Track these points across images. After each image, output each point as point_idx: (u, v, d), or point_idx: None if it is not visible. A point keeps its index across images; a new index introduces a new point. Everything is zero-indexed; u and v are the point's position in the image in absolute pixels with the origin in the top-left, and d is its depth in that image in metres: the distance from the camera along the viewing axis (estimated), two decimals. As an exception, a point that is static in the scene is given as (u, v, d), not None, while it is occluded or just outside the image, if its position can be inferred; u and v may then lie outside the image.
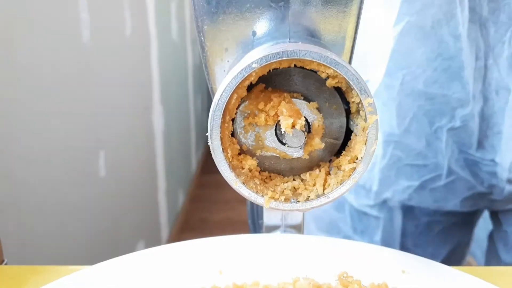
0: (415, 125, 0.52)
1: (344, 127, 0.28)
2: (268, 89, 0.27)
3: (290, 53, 0.24)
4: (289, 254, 0.34)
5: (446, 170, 0.53)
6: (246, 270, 0.33)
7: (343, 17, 0.27)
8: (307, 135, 0.27)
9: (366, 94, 0.25)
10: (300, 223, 0.36)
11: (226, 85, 0.24)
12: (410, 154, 0.54)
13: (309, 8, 0.27)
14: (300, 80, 0.27)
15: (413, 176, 0.55)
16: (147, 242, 1.50)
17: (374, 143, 0.25)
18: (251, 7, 0.27)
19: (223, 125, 0.25)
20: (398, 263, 0.33)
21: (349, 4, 0.27)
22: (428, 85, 0.50)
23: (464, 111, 0.50)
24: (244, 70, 0.24)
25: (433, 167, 0.54)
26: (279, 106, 0.26)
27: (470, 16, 0.47)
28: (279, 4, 0.27)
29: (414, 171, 0.54)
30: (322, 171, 0.27)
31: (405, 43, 0.50)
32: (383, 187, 0.56)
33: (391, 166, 0.55)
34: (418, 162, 0.54)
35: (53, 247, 0.84)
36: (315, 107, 0.27)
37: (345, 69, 0.24)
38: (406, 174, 0.55)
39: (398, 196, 0.56)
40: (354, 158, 0.26)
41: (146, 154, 1.53)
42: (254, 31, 0.27)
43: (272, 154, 0.27)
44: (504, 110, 0.49)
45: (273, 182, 0.28)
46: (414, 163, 0.54)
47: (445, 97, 0.50)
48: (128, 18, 1.26)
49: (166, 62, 1.77)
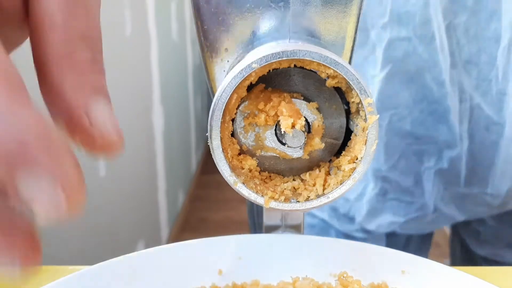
0: (403, 163, 0.52)
1: (344, 127, 0.28)
2: (268, 89, 0.27)
3: (290, 53, 0.24)
4: (289, 254, 0.34)
5: (432, 209, 0.54)
6: (246, 270, 0.33)
7: (343, 17, 0.27)
8: (307, 135, 0.27)
9: (366, 94, 0.25)
10: (300, 223, 0.36)
11: (226, 85, 0.24)
12: (398, 190, 0.54)
13: (309, 8, 0.27)
14: (300, 80, 0.27)
15: (399, 212, 0.55)
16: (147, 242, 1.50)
17: (374, 143, 0.25)
18: (251, 7, 0.27)
19: (223, 125, 0.25)
20: (398, 263, 0.33)
21: (349, 4, 0.27)
22: (415, 126, 0.50)
23: (452, 153, 0.50)
24: (244, 70, 0.24)
25: (420, 206, 0.54)
26: (279, 106, 0.26)
27: (451, 61, 0.47)
28: (279, 4, 0.27)
29: (401, 207, 0.55)
30: (322, 171, 0.28)
31: (391, 86, 0.49)
32: (368, 218, 0.56)
33: (379, 199, 0.55)
34: (406, 198, 0.54)
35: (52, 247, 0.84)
36: (315, 107, 0.27)
37: (345, 69, 0.24)
38: (393, 209, 0.55)
39: (382, 229, 0.57)
40: (354, 158, 0.26)
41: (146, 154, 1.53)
42: (254, 31, 0.27)
43: (272, 154, 0.27)
44: (498, 143, 0.49)
45: (273, 182, 0.28)
46: (401, 198, 0.54)
47: (432, 138, 0.50)
48: (128, 18, 1.26)
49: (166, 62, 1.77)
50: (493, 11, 0.45)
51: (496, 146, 0.49)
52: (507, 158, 0.49)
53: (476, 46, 0.46)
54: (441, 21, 0.45)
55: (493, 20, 0.45)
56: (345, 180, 0.26)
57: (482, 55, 0.46)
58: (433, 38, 0.46)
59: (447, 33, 0.46)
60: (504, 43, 0.45)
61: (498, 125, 0.48)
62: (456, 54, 0.46)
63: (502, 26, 0.45)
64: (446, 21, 0.45)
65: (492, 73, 0.46)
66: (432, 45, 0.46)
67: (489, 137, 0.49)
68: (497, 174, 0.51)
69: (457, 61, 0.47)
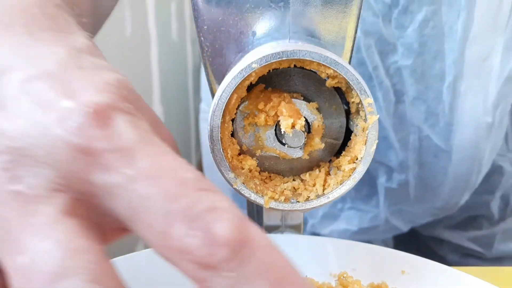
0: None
1: (344, 127, 0.28)
2: (268, 89, 0.27)
3: (290, 53, 0.24)
4: (289, 254, 0.34)
5: (383, 221, 0.57)
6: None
7: (343, 17, 0.27)
8: (307, 135, 0.27)
9: (366, 94, 0.25)
10: (300, 223, 0.36)
11: (226, 85, 0.24)
12: (356, 198, 0.57)
13: (309, 8, 0.27)
14: (300, 80, 0.27)
15: (353, 220, 0.57)
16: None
17: (374, 143, 0.25)
18: (251, 7, 0.27)
19: (223, 125, 0.25)
20: (398, 263, 0.33)
21: (349, 4, 0.27)
22: None
23: (400, 177, 0.54)
24: (244, 70, 0.24)
25: (373, 216, 0.57)
26: (279, 106, 0.26)
27: (397, 98, 0.51)
28: (279, 4, 0.27)
29: (356, 216, 0.57)
30: (322, 171, 0.27)
31: None
32: (322, 223, 0.58)
33: (337, 206, 0.58)
34: (362, 207, 0.57)
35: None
36: (315, 107, 0.27)
37: (345, 69, 0.24)
38: (348, 217, 0.57)
39: (334, 236, 0.58)
40: (354, 158, 0.26)
41: (146, 154, 1.52)
42: (254, 31, 0.27)
43: (272, 154, 0.27)
44: (446, 168, 0.53)
45: (273, 182, 0.28)
46: (358, 207, 0.57)
47: (382, 162, 0.54)
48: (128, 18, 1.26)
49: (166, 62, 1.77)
50: (437, 52, 0.48)
51: (444, 170, 0.53)
52: (456, 177, 0.53)
53: (423, 84, 0.50)
54: (379, 63, 0.49)
55: (437, 60, 0.49)
56: (345, 180, 0.26)
57: (429, 92, 0.50)
58: (371, 77, 0.50)
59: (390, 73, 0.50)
60: (449, 79, 0.49)
61: (446, 152, 0.52)
62: (404, 91, 0.50)
63: (446, 64, 0.49)
64: (386, 63, 0.49)
65: (439, 107, 0.50)
66: (371, 83, 0.50)
67: (438, 163, 0.53)
68: (446, 192, 0.55)
69: (405, 98, 0.50)
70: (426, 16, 0.47)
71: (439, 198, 0.55)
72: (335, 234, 0.58)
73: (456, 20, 0.47)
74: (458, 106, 0.50)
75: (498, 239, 0.60)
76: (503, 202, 0.59)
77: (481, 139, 0.51)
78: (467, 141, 0.51)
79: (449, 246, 0.62)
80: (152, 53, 1.56)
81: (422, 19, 0.47)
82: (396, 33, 0.48)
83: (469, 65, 0.48)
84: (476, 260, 0.61)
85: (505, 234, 0.60)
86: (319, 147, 0.27)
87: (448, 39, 0.48)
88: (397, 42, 0.48)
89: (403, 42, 0.48)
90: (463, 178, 0.53)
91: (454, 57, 0.48)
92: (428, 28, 0.48)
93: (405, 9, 0.47)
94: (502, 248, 0.60)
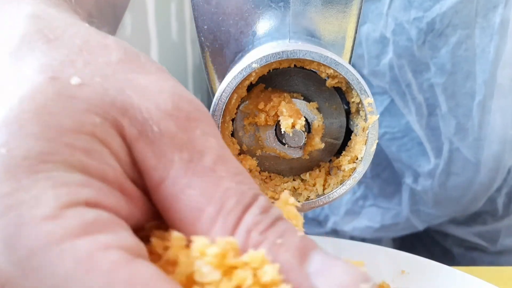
0: (387, 174, 0.57)
1: (344, 127, 0.28)
2: (268, 89, 0.27)
3: (290, 53, 0.24)
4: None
5: (404, 219, 0.59)
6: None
7: (343, 17, 0.27)
8: (307, 135, 0.27)
9: (366, 94, 0.25)
10: (300, 223, 0.36)
11: (226, 85, 0.24)
12: (378, 196, 0.59)
13: (309, 8, 0.27)
14: (300, 80, 0.27)
15: (375, 217, 0.59)
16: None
17: (374, 143, 0.25)
18: (251, 7, 0.27)
19: (223, 125, 0.25)
20: (398, 263, 0.33)
21: (349, 4, 0.27)
22: (400, 151, 0.55)
23: (426, 182, 0.56)
24: (244, 70, 0.24)
25: (395, 213, 0.59)
26: (279, 106, 0.26)
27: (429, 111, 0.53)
28: (279, 4, 0.27)
29: (378, 213, 0.59)
30: (322, 171, 0.28)
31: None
32: (345, 220, 0.59)
33: (359, 203, 0.59)
34: (384, 205, 0.59)
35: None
36: (315, 107, 0.27)
37: (345, 69, 0.24)
38: (369, 214, 0.59)
39: (356, 233, 0.60)
40: (354, 158, 0.26)
41: (146, 154, 1.53)
42: (254, 31, 0.27)
43: (272, 154, 0.27)
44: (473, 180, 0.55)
45: (273, 182, 0.28)
46: (380, 205, 0.59)
47: (412, 166, 0.55)
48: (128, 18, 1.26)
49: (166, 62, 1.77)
50: (468, 72, 0.51)
51: (470, 181, 0.55)
52: (480, 187, 0.56)
53: (454, 101, 0.52)
54: (412, 80, 0.51)
55: (469, 80, 0.51)
56: (345, 180, 0.26)
57: (459, 108, 0.52)
58: (404, 94, 0.52)
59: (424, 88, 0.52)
60: (479, 98, 0.51)
61: (474, 165, 0.54)
62: (436, 105, 0.52)
63: (477, 83, 0.51)
64: (419, 79, 0.51)
65: (469, 123, 0.52)
66: (405, 98, 0.52)
67: (465, 174, 0.55)
68: (467, 200, 0.57)
69: (437, 111, 0.53)
70: (460, 39, 0.50)
71: (460, 205, 0.57)
72: (357, 231, 0.60)
73: (489, 43, 0.50)
74: (488, 123, 0.53)
75: (503, 234, 0.61)
76: (507, 198, 0.60)
77: (506, 152, 0.54)
78: (494, 155, 0.54)
79: (454, 240, 0.64)
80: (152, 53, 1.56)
81: (455, 42, 0.50)
82: (429, 54, 0.50)
83: (500, 85, 0.51)
84: (481, 253, 0.62)
85: (510, 229, 0.61)
86: (319, 147, 0.27)
87: (480, 61, 0.50)
88: (430, 62, 0.51)
89: (436, 62, 0.50)
90: (486, 186, 0.56)
91: (485, 77, 0.51)
92: (461, 50, 0.50)
93: (440, 33, 0.50)
94: (506, 243, 0.61)
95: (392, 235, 0.62)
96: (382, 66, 0.52)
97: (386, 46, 0.51)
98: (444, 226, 0.63)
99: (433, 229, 0.64)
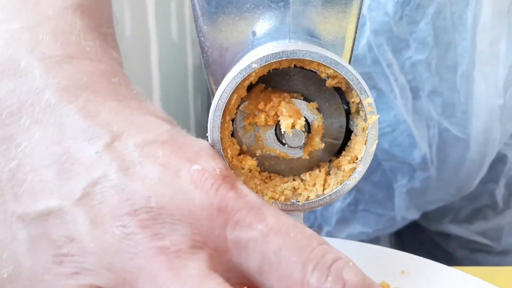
0: (378, 176, 0.57)
1: (344, 127, 0.28)
2: (268, 89, 0.27)
3: (290, 53, 0.24)
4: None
5: (399, 222, 0.59)
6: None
7: (343, 17, 0.27)
8: (307, 135, 0.27)
9: (366, 94, 0.25)
10: (301, 223, 0.36)
11: (226, 85, 0.24)
12: (370, 201, 0.58)
13: (309, 8, 0.27)
14: (300, 80, 0.27)
15: (369, 223, 0.58)
16: (147, 242, 1.49)
17: (374, 143, 0.25)
18: (251, 7, 0.27)
19: (223, 125, 0.25)
20: (398, 263, 0.33)
21: (349, 4, 0.27)
22: (392, 146, 0.54)
23: (424, 175, 0.55)
24: (244, 70, 0.24)
25: (389, 218, 0.58)
26: (279, 106, 0.26)
27: (414, 94, 0.52)
28: (279, 4, 0.27)
29: (372, 219, 0.58)
30: (322, 171, 0.27)
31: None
32: (338, 228, 0.59)
33: (350, 209, 0.58)
34: (377, 210, 0.58)
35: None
36: (315, 107, 0.27)
37: (345, 69, 0.24)
38: (363, 219, 0.58)
39: (351, 238, 0.59)
40: (354, 158, 0.26)
41: (146, 154, 1.52)
42: (254, 31, 0.27)
43: (272, 154, 0.27)
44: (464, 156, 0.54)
45: (273, 182, 0.28)
46: (372, 210, 0.58)
47: (406, 160, 0.55)
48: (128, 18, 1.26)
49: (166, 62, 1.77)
50: (449, 43, 0.49)
51: (462, 158, 0.54)
52: (472, 163, 0.54)
53: (438, 77, 0.51)
54: (393, 60, 0.50)
55: (449, 50, 0.50)
56: (345, 180, 0.26)
57: (444, 83, 0.51)
58: (386, 76, 0.51)
59: (405, 69, 0.51)
60: (462, 68, 0.50)
61: (464, 141, 0.53)
62: (419, 87, 0.51)
63: (458, 53, 0.50)
64: (400, 59, 0.50)
65: (455, 97, 0.51)
66: (387, 81, 0.51)
67: (456, 152, 0.54)
68: (461, 178, 0.56)
69: (421, 93, 0.51)
70: (438, 8, 0.48)
71: (455, 185, 0.56)
72: (352, 238, 0.59)
73: (465, 9, 0.48)
74: (473, 93, 0.51)
75: (507, 231, 0.60)
76: (507, 191, 0.59)
77: (495, 123, 0.53)
78: (483, 126, 0.52)
79: (457, 241, 0.63)
80: (152, 53, 1.56)
81: (434, 12, 0.48)
82: (408, 29, 0.49)
83: (480, 52, 0.49)
84: (485, 254, 0.61)
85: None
86: (319, 147, 0.27)
87: (458, 28, 0.49)
88: (409, 38, 0.49)
89: (416, 37, 0.49)
90: (478, 162, 0.55)
91: (466, 46, 0.49)
92: (439, 20, 0.48)
93: (417, 5, 0.48)
94: (510, 241, 0.60)
95: (389, 231, 0.62)
96: (361, 49, 0.50)
97: (363, 25, 0.49)
98: (444, 226, 0.62)
99: (433, 230, 0.64)
